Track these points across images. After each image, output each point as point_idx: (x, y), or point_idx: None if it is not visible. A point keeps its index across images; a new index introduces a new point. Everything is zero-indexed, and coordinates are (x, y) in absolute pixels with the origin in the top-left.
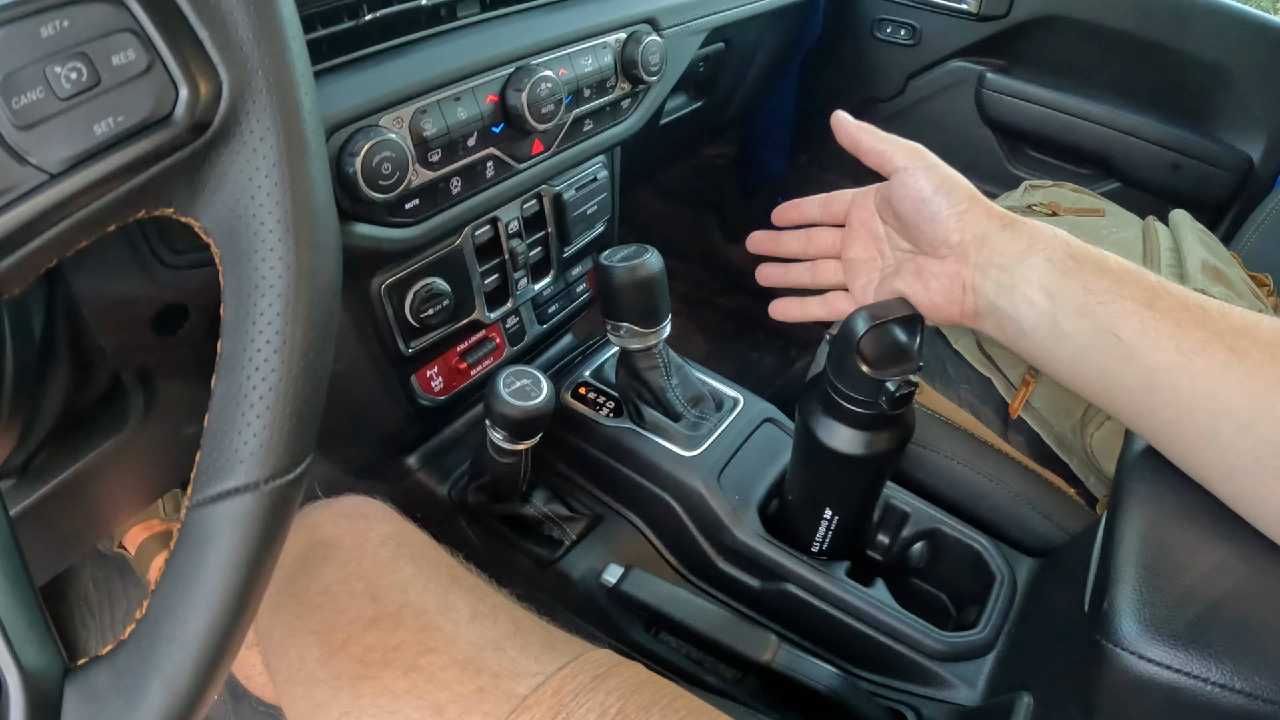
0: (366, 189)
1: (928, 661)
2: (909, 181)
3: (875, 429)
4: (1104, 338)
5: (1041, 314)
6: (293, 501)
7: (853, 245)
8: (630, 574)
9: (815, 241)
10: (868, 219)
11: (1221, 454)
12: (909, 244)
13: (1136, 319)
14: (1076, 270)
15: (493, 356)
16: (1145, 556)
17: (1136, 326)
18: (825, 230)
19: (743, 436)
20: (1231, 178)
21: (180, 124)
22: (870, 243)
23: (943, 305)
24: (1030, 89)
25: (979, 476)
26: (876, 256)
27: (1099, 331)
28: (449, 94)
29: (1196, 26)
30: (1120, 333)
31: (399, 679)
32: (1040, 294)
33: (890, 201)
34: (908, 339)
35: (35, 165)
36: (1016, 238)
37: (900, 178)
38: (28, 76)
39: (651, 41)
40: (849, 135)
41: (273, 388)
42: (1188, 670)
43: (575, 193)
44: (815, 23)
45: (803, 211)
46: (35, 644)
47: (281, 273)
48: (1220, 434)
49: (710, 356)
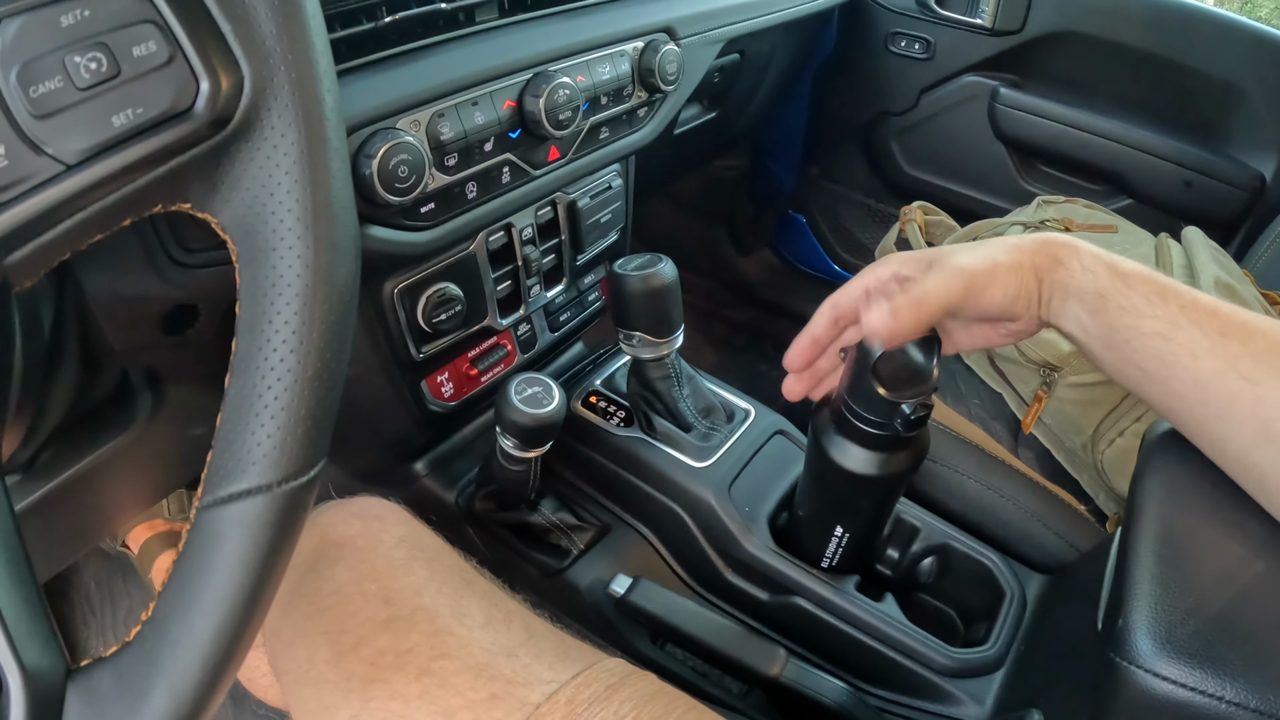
0: (382, 191)
1: (936, 677)
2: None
3: (890, 450)
4: (1132, 370)
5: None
6: (305, 505)
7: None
8: (638, 585)
9: (844, 340)
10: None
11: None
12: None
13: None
14: (1103, 310)
15: (504, 363)
16: (1160, 573)
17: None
18: (849, 330)
19: (754, 448)
20: (1244, 195)
21: (200, 118)
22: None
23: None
24: (1043, 104)
25: (989, 492)
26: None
27: (1128, 364)
28: (467, 98)
29: (1210, 44)
30: (1144, 366)
31: (411, 683)
32: (1077, 329)
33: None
34: (925, 360)
35: (52, 155)
36: (1053, 294)
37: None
38: (47, 65)
39: (669, 50)
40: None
41: (288, 388)
42: (1202, 689)
43: (590, 200)
44: (829, 36)
45: (816, 341)
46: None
47: (300, 272)
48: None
49: (719, 369)
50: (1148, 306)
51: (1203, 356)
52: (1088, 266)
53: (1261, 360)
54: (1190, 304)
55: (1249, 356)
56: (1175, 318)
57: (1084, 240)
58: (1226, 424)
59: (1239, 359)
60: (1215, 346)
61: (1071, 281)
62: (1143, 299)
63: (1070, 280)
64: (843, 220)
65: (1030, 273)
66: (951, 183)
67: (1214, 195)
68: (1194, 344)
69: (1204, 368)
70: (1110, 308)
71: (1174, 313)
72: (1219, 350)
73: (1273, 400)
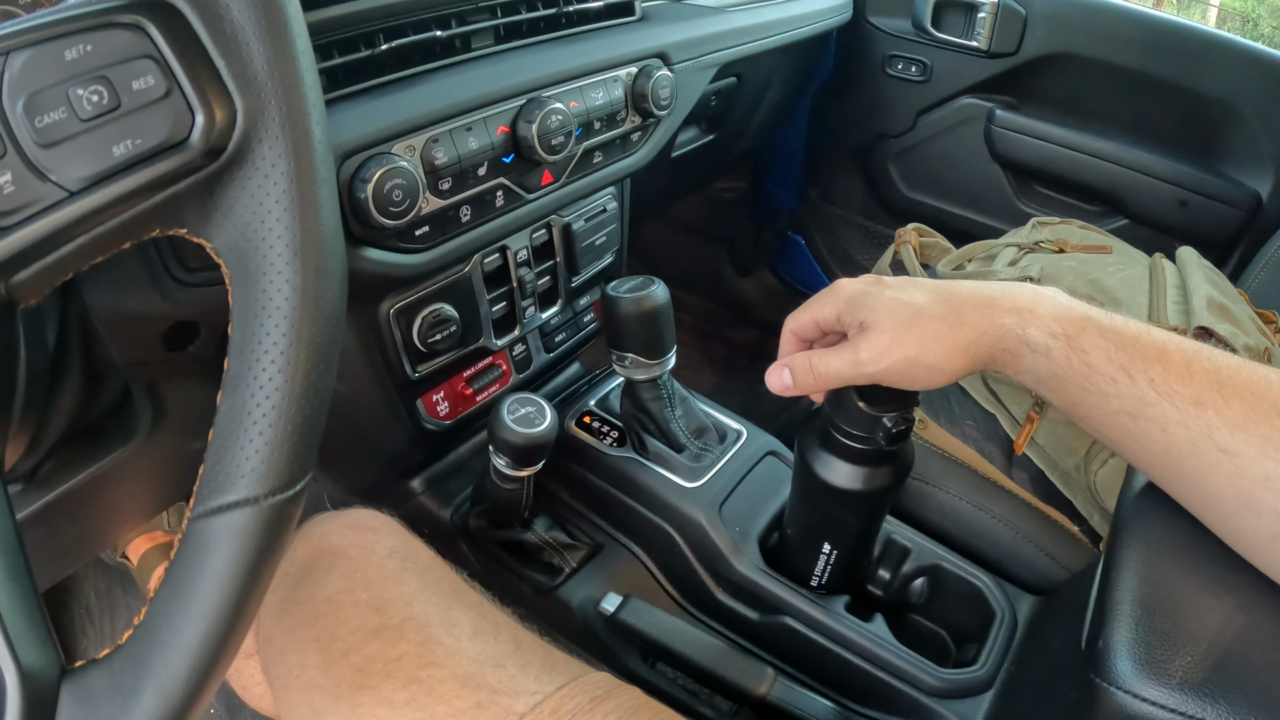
0: (377, 215)
1: (926, 698)
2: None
3: (873, 464)
4: (1101, 436)
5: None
6: (291, 518)
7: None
8: (628, 603)
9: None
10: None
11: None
12: None
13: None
14: (1061, 390)
15: (499, 383)
16: (1143, 595)
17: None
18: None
19: (745, 469)
20: (1239, 215)
21: (196, 149)
22: None
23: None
24: (1039, 126)
25: (981, 513)
26: None
27: (1095, 433)
28: (461, 124)
29: (1205, 64)
30: (1111, 438)
31: (398, 690)
32: (1040, 395)
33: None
34: None
35: (55, 182)
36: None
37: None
38: (51, 97)
39: (662, 76)
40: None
41: (275, 406)
42: (1184, 711)
43: (584, 223)
44: (827, 58)
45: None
46: (34, 644)
47: (288, 295)
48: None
49: (718, 390)
50: (1110, 385)
51: (1174, 430)
52: (1038, 348)
53: (1239, 429)
54: (1160, 376)
55: (1225, 426)
56: (1143, 394)
57: (1043, 288)
58: (1203, 493)
59: (1214, 429)
60: (1188, 419)
61: (1022, 367)
62: (1104, 378)
63: (1021, 366)
64: (841, 242)
65: (967, 362)
66: (948, 204)
67: (1210, 215)
68: (1164, 418)
69: (1176, 440)
70: (1069, 389)
71: (1141, 389)
72: (1192, 422)
73: (1253, 472)
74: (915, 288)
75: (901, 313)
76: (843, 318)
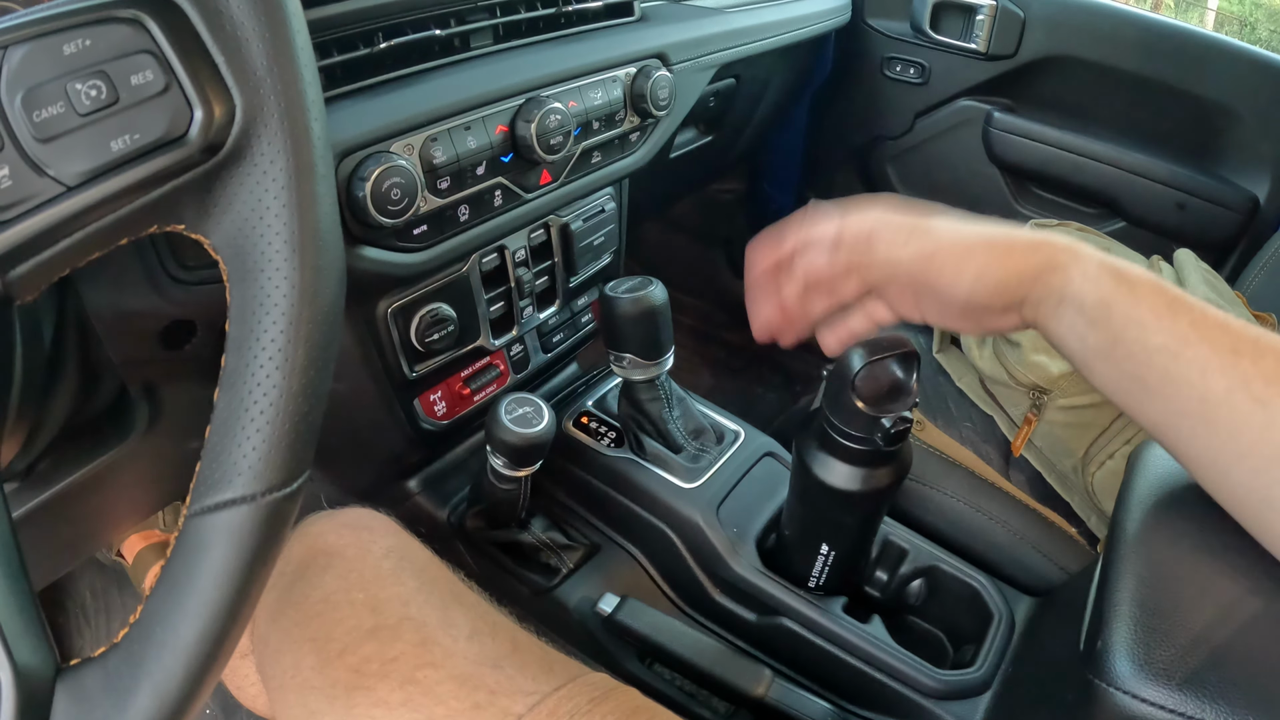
0: (375, 213)
1: (923, 700)
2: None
3: (871, 465)
4: (1132, 384)
5: (1072, 353)
6: (288, 516)
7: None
8: (625, 604)
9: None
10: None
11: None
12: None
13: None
14: (1106, 321)
15: (496, 383)
16: (1141, 595)
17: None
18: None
19: (742, 470)
20: (1237, 217)
21: (194, 144)
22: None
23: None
24: (1037, 128)
25: (979, 515)
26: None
27: (1128, 378)
28: (459, 123)
29: (1203, 67)
30: (1147, 381)
31: (395, 691)
32: (1073, 338)
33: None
34: (904, 376)
35: (53, 177)
36: (1044, 298)
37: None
38: (50, 91)
39: (661, 76)
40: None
41: (273, 403)
42: (1182, 711)
43: (583, 223)
44: (825, 60)
45: (766, 293)
46: (30, 643)
47: (286, 292)
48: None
49: (715, 391)
50: (1155, 319)
51: (1212, 374)
52: (1089, 274)
53: (1274, 382)
54: (1200, 318)
55: (1261, 378)
56: (1185, 332)
57: (1087, 242)
58: (1236, 446)
59: (1251, 379)
60: (1226, 365)
61: (1069, 289)
62: (1149, 311)
63: (1068, 287)
64: None
65: (1015, 276)
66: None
67: (1207, 217)
68: (1203, 361)
69: (1213, 386)
70: (1114, 319)
71: (1183, 327)
72: (1230, 369)
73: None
74: (942, 216)
75: (937, 238)
76: (846, 259)
